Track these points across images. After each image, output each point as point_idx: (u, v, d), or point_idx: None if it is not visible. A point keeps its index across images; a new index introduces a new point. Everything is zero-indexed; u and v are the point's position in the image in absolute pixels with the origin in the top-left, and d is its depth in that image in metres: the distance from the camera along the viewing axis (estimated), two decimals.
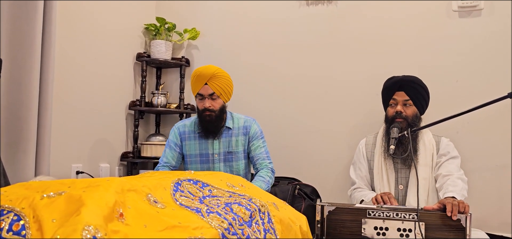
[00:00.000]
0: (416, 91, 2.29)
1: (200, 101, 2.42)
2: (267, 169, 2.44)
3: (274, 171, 2.48)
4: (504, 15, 2.62)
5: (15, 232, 1.01)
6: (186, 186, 1.46)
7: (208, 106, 2.39)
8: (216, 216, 1.28)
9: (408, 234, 1.73)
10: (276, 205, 1.58)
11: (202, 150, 2.48)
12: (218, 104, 2.41)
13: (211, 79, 2.37)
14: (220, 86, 2.39)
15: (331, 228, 1.81)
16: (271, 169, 2.46)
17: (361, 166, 2.42)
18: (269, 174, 2.42)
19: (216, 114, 2.41)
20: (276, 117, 3.03)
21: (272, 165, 2.49)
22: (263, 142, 2.51)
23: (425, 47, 2.77)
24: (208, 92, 2.39)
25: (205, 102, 2.40)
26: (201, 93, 2.40)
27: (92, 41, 2.81)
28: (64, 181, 1.22)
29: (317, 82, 3.00)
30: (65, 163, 2.64)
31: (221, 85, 2.39)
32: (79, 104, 2.73)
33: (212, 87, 2.37)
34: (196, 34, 3.24)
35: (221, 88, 2.39)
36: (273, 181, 2.45)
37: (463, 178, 2.16)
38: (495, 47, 2.63)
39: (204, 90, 2.39)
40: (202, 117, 2.43)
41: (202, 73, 2.38)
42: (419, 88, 2.30)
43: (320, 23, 3.01)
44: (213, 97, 2.40)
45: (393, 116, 2.29)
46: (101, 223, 0.99)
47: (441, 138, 2.34)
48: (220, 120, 2.44)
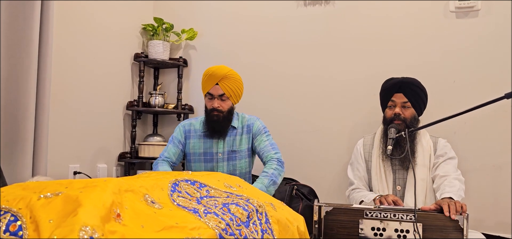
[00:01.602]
0: (414, 93, 2.29)
1: (210, 100, 2.43)
2: (272, 160, 2.38)
3: (280, 160, 2.40)
4: (501, 16, 2.63)
5: (12, 233, 1.01)
6: (184, 187, 1.45)
7: (217, 106, 2.40)
8: (213, 216, 1.28)
9: (406, 235, 1.73)
10: (273, 205, 1.58)
11: (207, 149, 2.49)
12: (227, 105, 2.42)
13: (223, 80, 2.37)
14: (231, 88, 2.40)
15: (328, 229, 1.81)
16: (277, 159, 2.38)
17: (359, 166, 2.42)
18: (273, 165, 2.35)
19: (224, 115, 2.42)
20: (273, 117, 3.02)
21: (279, 155, 2.42)
22: (267, 136, 2.49)
23: (422, 47, 2.78)
24: (219, 92, 2.39)
25: (214, 102, 2.40)
26: (211, 92, 2.41)
27: (89, 41, 2.81)
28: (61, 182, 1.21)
29: (315, 82, 3.01)
30: (62, 163, 2.63)
31: (232, 86, 2.40)
32: (77, 104, 2.72)
33: (222, 88, 2.38)
34: (193, 34, 3.23)
35: (231, 90, 2.40)
36: (280, 171, 2.36)
37: (460, 179, 2.16)
38: (492, 47, 2.64)
39: (215, 90, 2.39)
40: (210, 116, 2.43)
41: (214, 73, 2.38)
42: (418, 90, 2.31)
43: (317, 23, 3.01)
44: (223, 98, 2.41)
45: (391, 117, 2.29)
46: (98, 224, 0.99)
47: (438, 139, 2.34)
48: (227, 121, 2.45)
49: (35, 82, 2.21)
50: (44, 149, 2.26)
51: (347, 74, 2.93)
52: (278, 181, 2.34)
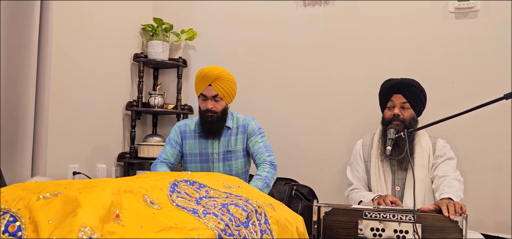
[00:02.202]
0: (414, 94, 2.29)
1: (203, 101, 2.43)
2: (265, 163, 2.37)
3: (273, 163, 2.40)
4: (500, 16, 2.63)
5: (11, 233, 1.01)
6: (183, 187, 1.45)
7: (211, 107, 2.40)
8: (212, 217, 1.28)
9: (405, 236, 1.73)
10: (272, 206, 1.58)
11: (202, 149, 2.49)
12: (220, 106, 2.42)
13: (216, 81, 2.37)
14: (224, 88, 2.39)
15: (327, 229, 1.81)
16: (270, 162, 2.38)
17: (358, 167, 2.42)
18: (267, 168, 2.35)
19: (218, 116, 2.42)
20: (272, 118, 3.03)
21: (272, 158, 2.42)
22: (261, 137, 2.49)
23: (421, 48, 2.78)
24: (212, 93, 2.39)
25: (207, 103, 2.40)
26: (205, 94, 2.40)
27: (89, 41, 2.81)
28: (60, 182, 1.21)
29: (314, 82, 3.01)
30: (61, 163, 2.63)
31: (225, 87, 2.39)
32: (76, 105, 2.72)
33: (216, 89, 2.38)
34: (193, 34, 3.23)
35: (224, 90, 2.39)
36: (273, 174, 2.36)
37: (459, 179, 2.16)
38: (492, 48, 2.64)
39: (208, 91, 2.39)
40: (204, 117, 2.43)
41: (207, 74, 2.37)
42: (417, 91, 2.31)
43: (317, 24, 3.01)
44: (216, 99, 2.40)
45: (390, 118, 2.29)
46: (97, 224, 0.99)
47: (437, 139, 2.34)
48: (221, 121, 2.45)
49: (35, 83, 2.20)
50: (43, 149, 2.26)
51: (347, 75, 2.93)
52: (271, 184, 2.35)
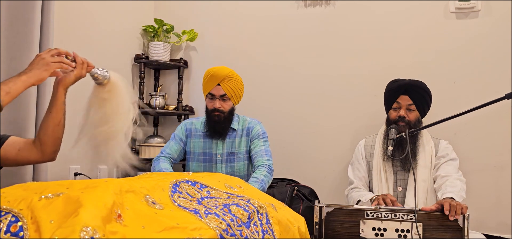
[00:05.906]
0: (420, 96, 2.29)
1: (210, 100, 2.45)
2: (263, 167, 2.38)
3: (271, 168, 2.41)
4: (501, 16, 2.63)
5: (13, 234, 1.01)
6: (185, 187, 1.45)
7: (218, 106, 2.42)
8: (214, 217, 1.28)
9: (406, 235, 1.73)
10: (274, 206, 1.58)
11: (206, 149, 2.50)
12: (228, 106, 2.44)
13: (224, 81, 2.39)
14: (232, 88, 2.42)
15: (329, 229, 1.81)
16: (268, 166, 2.39)
17: (359, 166, 2.42)
18: (264, 172, 2.35)
19: (224, 116, 2.44)
20: (274, 118, 3.03)
21: (271, 162, 2.42)
22: (264, 142, 2.50)
23: (422, 48, 2.78)
24: (220, 93, 2.41)
25: (215, 103, 2.43)
26: (213, 93, 2.43)
27: (90, 42, 2.81)
28: (62, 182, 1.22)
29: (315, 83, 3.01)
30: (63, 164, 2.63)
31: (233, 87, 2.42)
32: (77, 105, 2.72)
33: (224, 89, 2.40)
34: (194, 35, 3.24)
35: (232, 90, 2.42)
36: (269, 178, 2.37)
37: (461, 179, 2.16)
38: (493, 48, 2.64)
39: (216, 90, 2.41)
40: (211, 117, 2.45)
41: (215, 73, 2.40)
42: (424, 93, 2.30)
43: (318, 24, 3.02)
44: (224, 99, 2.43)
45: (395, 119, 2.29)
46: (99, 224, 0.99)
47: (439, 140, 2.34)
48: (228, 121, 2.47)
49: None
50: None
51: (348, 75, 2.93)
52: (266, 188, 2.36)
